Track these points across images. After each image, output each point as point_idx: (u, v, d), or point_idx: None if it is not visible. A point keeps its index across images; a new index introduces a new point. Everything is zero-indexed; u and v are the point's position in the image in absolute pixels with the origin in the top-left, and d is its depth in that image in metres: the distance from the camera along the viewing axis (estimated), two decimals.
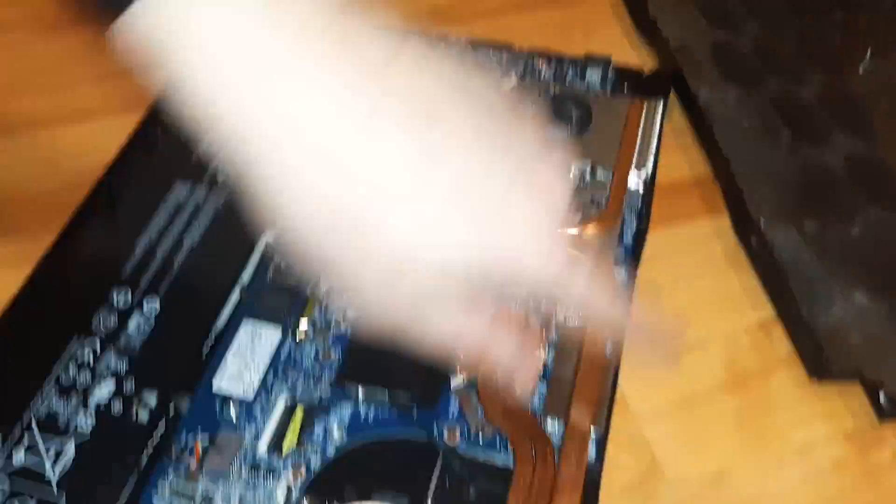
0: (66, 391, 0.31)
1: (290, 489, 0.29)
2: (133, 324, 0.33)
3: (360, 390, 0.31)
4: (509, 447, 0.30)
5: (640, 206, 0.38)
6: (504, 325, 0.30)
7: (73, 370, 0.31)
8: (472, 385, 0.32)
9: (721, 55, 0.44)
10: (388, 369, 0.31)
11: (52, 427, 0.30)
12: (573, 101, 0.41)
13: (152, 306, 0.33)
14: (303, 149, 0.25)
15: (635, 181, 0.38)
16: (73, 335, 0.32)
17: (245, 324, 0.33)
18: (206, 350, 0.32)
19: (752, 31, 0.46)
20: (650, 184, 0.38)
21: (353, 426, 0.31)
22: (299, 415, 0.31)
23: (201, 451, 0.30)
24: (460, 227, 0.25)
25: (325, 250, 0.26)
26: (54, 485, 0.29)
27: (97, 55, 0.25)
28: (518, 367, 0.31)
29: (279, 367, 0.32)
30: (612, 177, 0.38)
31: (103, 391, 0.31)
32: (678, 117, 0.43)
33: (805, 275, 0.36)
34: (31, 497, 0.28)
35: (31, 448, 0.29)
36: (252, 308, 0.33)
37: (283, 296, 0.34)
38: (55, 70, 0.43)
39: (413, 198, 0.25)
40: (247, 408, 0.31)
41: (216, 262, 0.35)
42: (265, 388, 0.32)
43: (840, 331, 0.34)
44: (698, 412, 0.34)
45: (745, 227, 0.38)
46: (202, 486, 0.29)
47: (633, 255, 0.36)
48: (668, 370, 0.33)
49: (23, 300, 0.33)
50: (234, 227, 0.36)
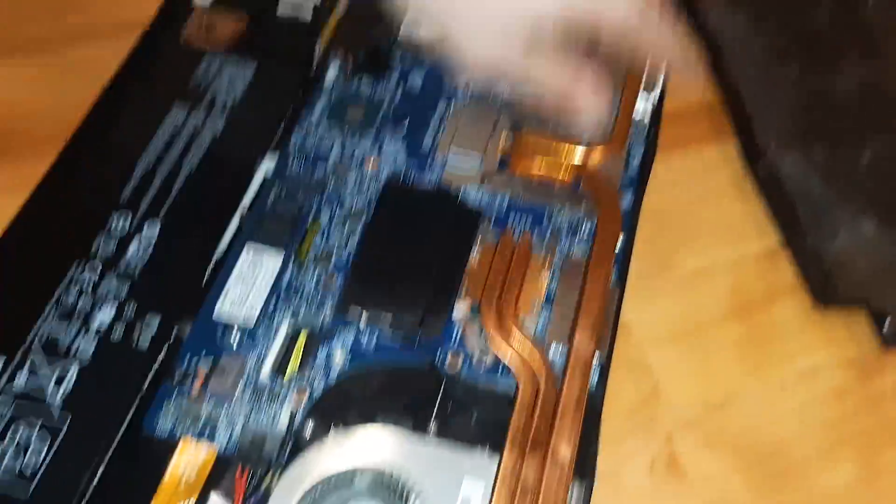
0: (67, 315, 0.31)
1: (293, 413, 0.29)
2: (133, 248, 0.32)
3: (363, 314, 0.31)
4: (511, 373, 0.30)
5: (647, 131, 0.37)
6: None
7: (73, 295, 0.31)
8: (475, 311, 0.32)
9: None
10: (392, 294, 0.31)
11: (54, 351, 0.30)
12: None
13: (153, 230, 0.33)
14: None
15: (643, 104, 0.37)
16: (74, 260, 0.32)
17: (247, 249, 0.33)
18: (207, 275, 0.32)
19: None
20: (658, 109, 0.38)
21: (356, 352, 0.31)
22: (302, 340, 0.31)
23: (204, 375, 0.30)
24: None
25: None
26: (57, 408, 0.29)
27: None
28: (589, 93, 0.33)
29: (281, 292, 0.32)
30: (620, 99, 0.37)
31: (104, 315, 0.31)
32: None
33: (812, 202, 0.35)
34: (35, 420, 0.28)
35: (34, 372, 0.29)
36: (253, 233, 0.33)
37: (285, 221, 0.33)
38: None
39: None
40: (249, 333, 0.31)
41: (216, 186, 0.34)
42: (266, 313, 0.31)
43: (847, 258, 0.34)
44: (702, 339, 0.34)
45: (753, 154, 0.38)
46: (206, 408, 0.29)
47: (639, 180, 0.36)
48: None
49: (21, 225, 0.33)
50: (233, 151, 0.35)
